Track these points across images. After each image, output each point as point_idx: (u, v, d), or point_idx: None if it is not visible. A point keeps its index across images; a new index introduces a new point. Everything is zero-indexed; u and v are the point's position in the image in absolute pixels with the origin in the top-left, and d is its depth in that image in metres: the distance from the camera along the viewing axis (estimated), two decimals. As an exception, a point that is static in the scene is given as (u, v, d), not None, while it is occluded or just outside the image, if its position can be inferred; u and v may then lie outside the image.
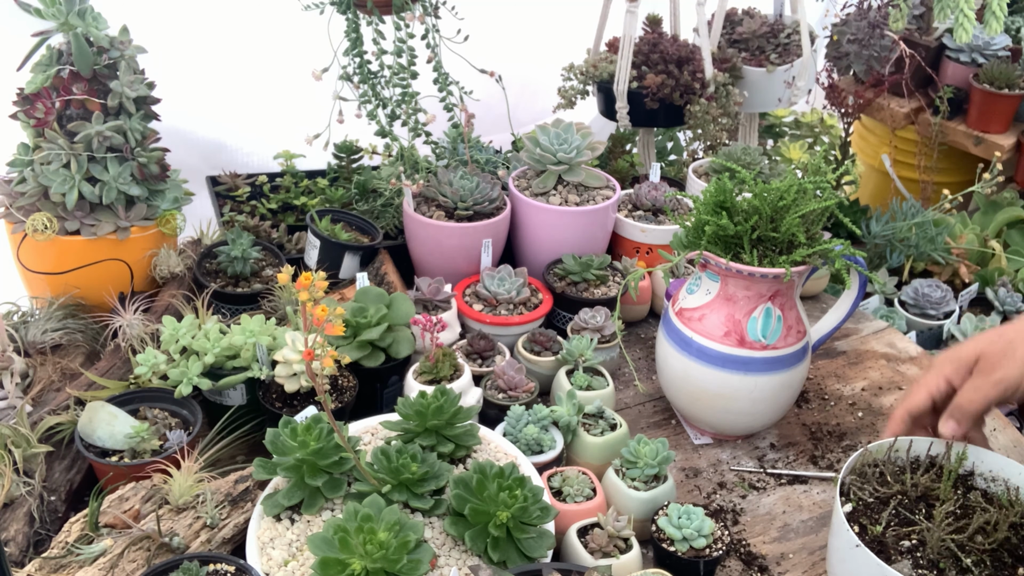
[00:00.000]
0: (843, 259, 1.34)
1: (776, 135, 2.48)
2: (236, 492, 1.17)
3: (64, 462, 1.26)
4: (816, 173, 1.37)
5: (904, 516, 1.09)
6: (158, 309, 1.53)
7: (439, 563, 1.07)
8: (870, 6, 2.18)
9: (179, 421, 1.31)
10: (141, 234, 1.56)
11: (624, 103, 2.00)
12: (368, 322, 1.40)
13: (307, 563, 1.06)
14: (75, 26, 1.43)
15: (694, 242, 1.36)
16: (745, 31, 2.18)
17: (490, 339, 1.55)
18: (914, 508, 1.10)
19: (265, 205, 1.93)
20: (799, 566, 1.26)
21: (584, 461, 1.34)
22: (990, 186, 1.89)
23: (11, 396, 1.33)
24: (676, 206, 1.86)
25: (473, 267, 1.71)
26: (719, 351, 1.35)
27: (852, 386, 1.65)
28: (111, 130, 1.48)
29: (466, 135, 1.85)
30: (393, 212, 1.85)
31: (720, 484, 1.40)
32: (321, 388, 1.02)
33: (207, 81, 2.13)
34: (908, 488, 1.12)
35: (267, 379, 1.34)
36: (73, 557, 1.07)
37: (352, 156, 2.00)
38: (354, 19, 1.66)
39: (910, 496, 1.12)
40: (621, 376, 1.63)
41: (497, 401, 1.42)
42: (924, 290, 1.92)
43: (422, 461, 1.14)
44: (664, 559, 1.18)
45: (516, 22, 2.40)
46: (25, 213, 1.50)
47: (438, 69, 1.72)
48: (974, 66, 2.24)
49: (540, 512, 1.10)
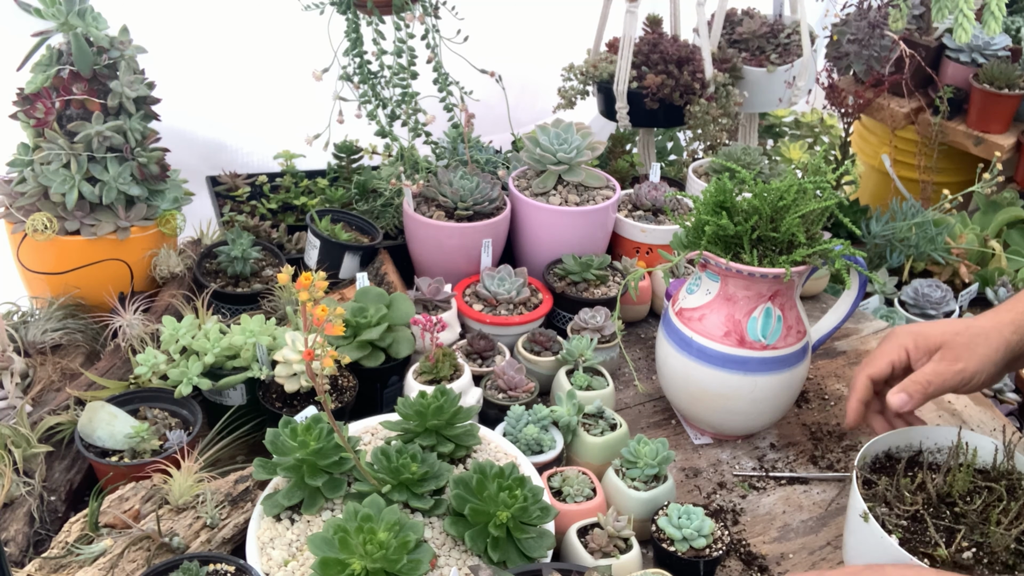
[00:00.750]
0: (843, 259, 1.34)
1: (776, 135, 2.48)
2: (236, 492, 1.17)
3: (64, 462, 1.26)
4: (816, 173, 1.37)
5: (940, 524, 1.10)
6: (158, 309, 1.53)
7: (439, 563, 1.07)
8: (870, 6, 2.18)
9: (179, 421, 1.31)
10: (141, 234, 1.56)
11: (624, 103, 2.00)
12: (368, 322, 1.40)
13: (307, 563, 1.06)
14: (75, 26, 1.43)
15: (694, 242, 1.36)
16: (745, 31, 2.18)
17: (490, 339, 1.55)
18: (939, 512, 1.11)
19: (265, 205, 1.93)
20: (799, 566, 1.26)
21: (584, 461, 1.34)
22: (990, 186, 1.89)
23: (11, 396, 1.33)
24: (676, 206, 1.86)
25: (473, 267, 1.71)
26: (719, 351, 1.35)
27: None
28: (111, 130, 1.48)
29: (466, 135, 1.85)
30: (393, 212, 1.85)
31: (720, 484, 1.40)
32: (321, 388, 1.02)
33: (207, 81, 2.13)
34: (932, 494, 1.13)
35: (267, 379, 1.34)
36: (73, 557, 1.07)
37: (352, 156, 2.00)
38: (354, 19, 1.66)
39: (933, 502, 1.13)
40: (621, 376, 1.63)
41: (497, 401, 1.42)
42: (924, 290, 1.92)
43: (422, 461, 1.14)
44: (664, 559, 1.18)
45: (516, 22, 2.40)
46: (25, 213, 1.50)
47: (438, 69, 1.72)
48: (974, 66, 2.24)
49: (540, 512, 1.10)
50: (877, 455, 1.22)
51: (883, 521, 1.10)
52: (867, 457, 1.20)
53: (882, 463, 1.22)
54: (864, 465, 1.19)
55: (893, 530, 1.09)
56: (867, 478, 1.17)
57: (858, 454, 1.18)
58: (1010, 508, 1.09)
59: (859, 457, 1.17)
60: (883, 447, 1.22)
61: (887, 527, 1.09)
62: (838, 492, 1.39)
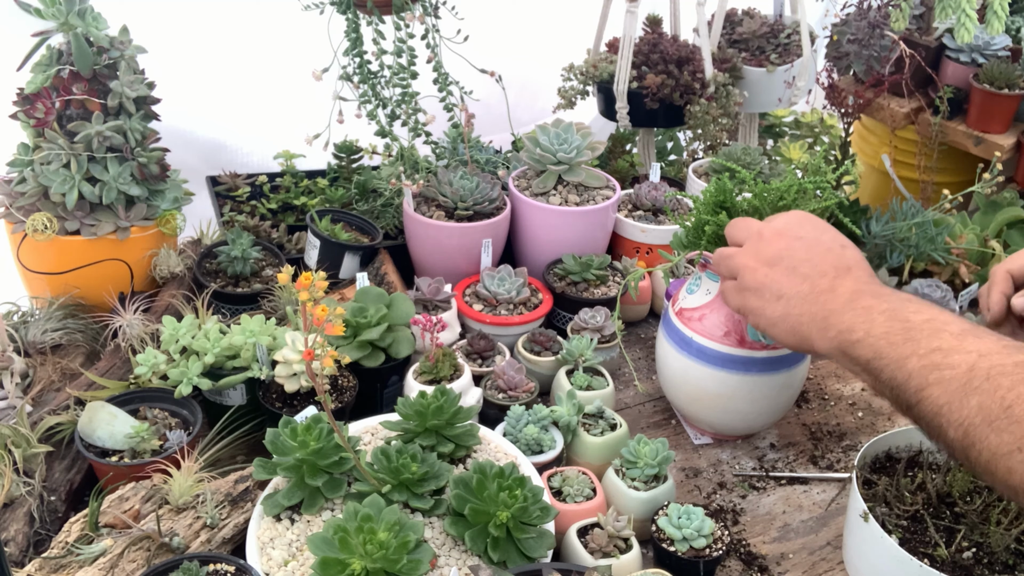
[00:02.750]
0: (843, 259, 1.34)
1: (776, 135, 2.48)
2: (236, 492, 1.17)
3: (64, 462, 1.26)
4: (816, 173, 1.37)
5: (940, 524, 1.10)
6: (158, 309, 1.53)
7: (439, 563, 1.07)
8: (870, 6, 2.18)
9: (179, 421, 1.31)
10: (141, 234, 1.56)
11: (624, 103, 2.00)
12: (368, 322, 1.40)
13: (307, 563, 1.06)
14: (75, 26, 1.43)
15: (694, 242, 1.36)
16: (745, 31, 2.18)
17: (490, 339, 1.55)
18: (939, 512, 1.11)
19: (265, 205, 1.93)
20: (799, 566, 1.26)
21: (584, 461, 1.34)
22: (990, 186, 1.89)
23: (11, 396, 1.33)
24: (676, 206, 1.86)
25: (473, 267, 1.71)
26: (719, 351, 1.35)
27: (852, 386, 1.65)
28: (111, 130, 1.48)
29: (466, 135, 1.85)
30: (393, 212, 1.85)
31: (720, 484, 1.40)
32: (321, 388, 1.02)
33: (207, 81, 2.12)
34: (932, 494, 1.13)
35: (267, 379, 1.34)
36: (73, 557, 1.07)
37: (352, 156, 2.00)
38: (354, 19, 1.66)
39: (933, 502, 1.13)
40: (621, 376, 1.63)
41: (497, 401, 1.42)
42: (924, 290, 1.92)
43: (422, 461, 1.14)
44: (664, 559, 1.18)
45: (516, 22, 2.40)
46: (25, 213, 1.50)
47: (438, 69, 1.72)
48: (974, 66, 2.24)
49: (540, 512, 1.10)
50: (877, 455, 1.22)
51: (883, 521, 1.10)
52: (867, 457, 1.20)
53: (882, 463, 1.22)
54: (864, 465, 1.19)
55: (893, 530, 1.09)
56: (867, 478, 1.17)
57: (858, 454, 1.18)
58: (1010, 508, 1.09)
59: (859, 457, 1.17)
60: (883, 447, 1.22)
61: (887, 527, 1.09)
62: (838, 492, 1.39)
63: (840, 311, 0.99)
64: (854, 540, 1.16)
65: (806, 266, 1.05)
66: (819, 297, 1.02)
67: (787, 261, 1.07)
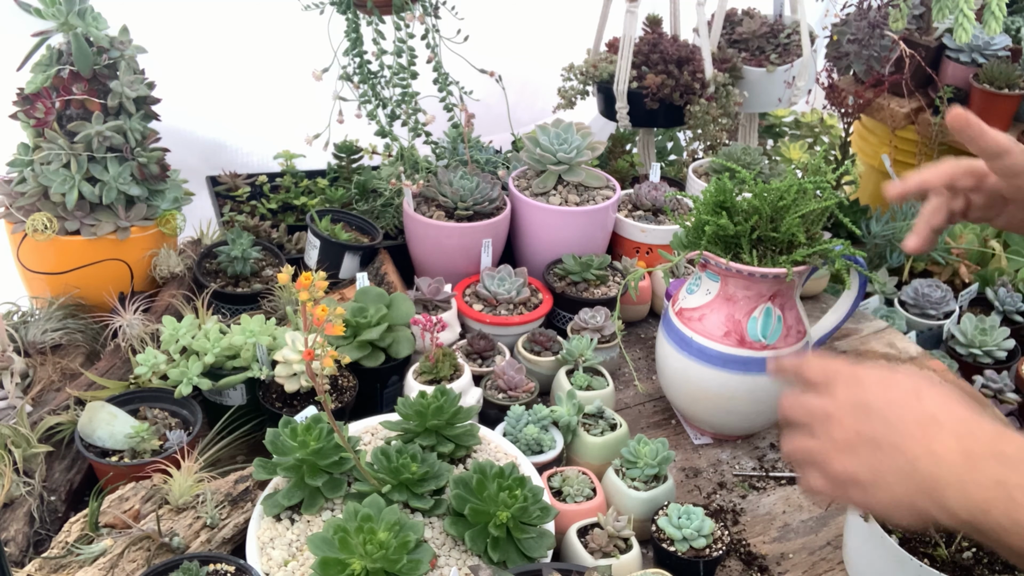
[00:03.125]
0: (843, 259, 1.34)
1: (776, 135, 2.48)
2: (236, 492, 1.17)
3: (64, 462, 1.26)
4: (816, 173, 1.37)
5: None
6: (158, 309, 1.53)
7: (439, 563, 1.07)
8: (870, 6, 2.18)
9: (179, 421, 1.31)
10: (141, 234, 1.56)
11: (624, 103, 2.00)
12: (368, 322, 1.40)
13: (307, 563, 1.06)
14: (75, 26, 1.43)
15: (694, 242, 1.36)
16: (745, 31, 2.18)
17: (490, 339, 1.55)
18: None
19: (265, 205, 1.93)
20: (799, 566, 1.26)
21: (584, 461, 1.34)
22: (990, 186, 1.89)
23: (11, 396, 1.33)
24: (676, 206, 1.86)
25: (473, 267, 1.71)
26: (719, 351, 1.35)
27: (852, 386, 1.64)
28: (111, 130, 1.48)
29: (466, 135, 1.85)
30: (393, 212, 1.85)
31: (720, 484, 1.40)
32: (321, 388, 1.02)
33: (207, 81, 2.13)
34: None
35: (267, 379, 1.34)
36: (73, 557, 1.07)
37: (352, 156, 2.00)
38: (354, 19, 1.66)
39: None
40: (621, 376, 1.63)
41: (497, 401, 1.42)
42: (924, 290, 1.92)
43: (422, 461, 1.14)
44: (664, 559, 1.18)
45: (516, 22, 2.40)
46: (25, 213, 1.50)
47: (438, 69, 1.72)
48: (974, 66, 2.24)
49: (540, 512, 1.10)
50: None
51: (883, 521, 1.10)
52: None
53: None
54: None
55: (893, 530, 1.09)
56: None
57: None
58: None
59: None
60: None
61: (887, 527, 1.09)
62: (838, 492, 1.39)
63: (958, 483, 0.75)
64: (854, 540, 1.16)
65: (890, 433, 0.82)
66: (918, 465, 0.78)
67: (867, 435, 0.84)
